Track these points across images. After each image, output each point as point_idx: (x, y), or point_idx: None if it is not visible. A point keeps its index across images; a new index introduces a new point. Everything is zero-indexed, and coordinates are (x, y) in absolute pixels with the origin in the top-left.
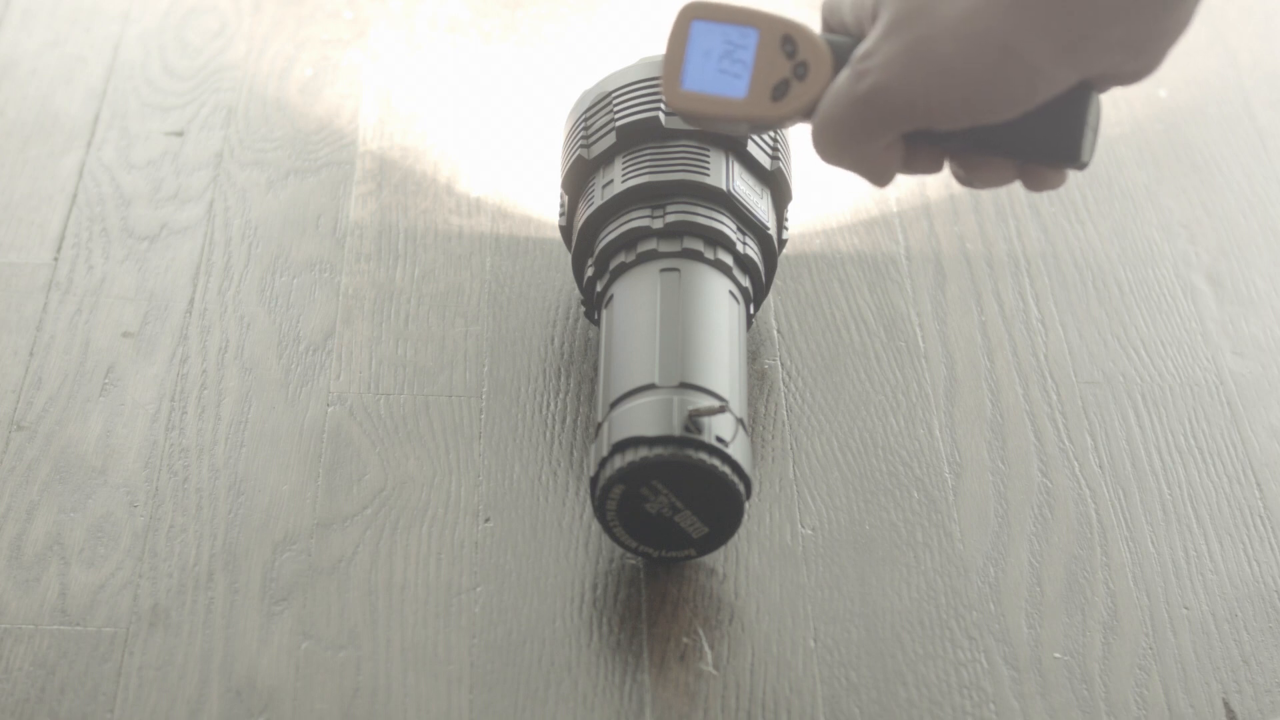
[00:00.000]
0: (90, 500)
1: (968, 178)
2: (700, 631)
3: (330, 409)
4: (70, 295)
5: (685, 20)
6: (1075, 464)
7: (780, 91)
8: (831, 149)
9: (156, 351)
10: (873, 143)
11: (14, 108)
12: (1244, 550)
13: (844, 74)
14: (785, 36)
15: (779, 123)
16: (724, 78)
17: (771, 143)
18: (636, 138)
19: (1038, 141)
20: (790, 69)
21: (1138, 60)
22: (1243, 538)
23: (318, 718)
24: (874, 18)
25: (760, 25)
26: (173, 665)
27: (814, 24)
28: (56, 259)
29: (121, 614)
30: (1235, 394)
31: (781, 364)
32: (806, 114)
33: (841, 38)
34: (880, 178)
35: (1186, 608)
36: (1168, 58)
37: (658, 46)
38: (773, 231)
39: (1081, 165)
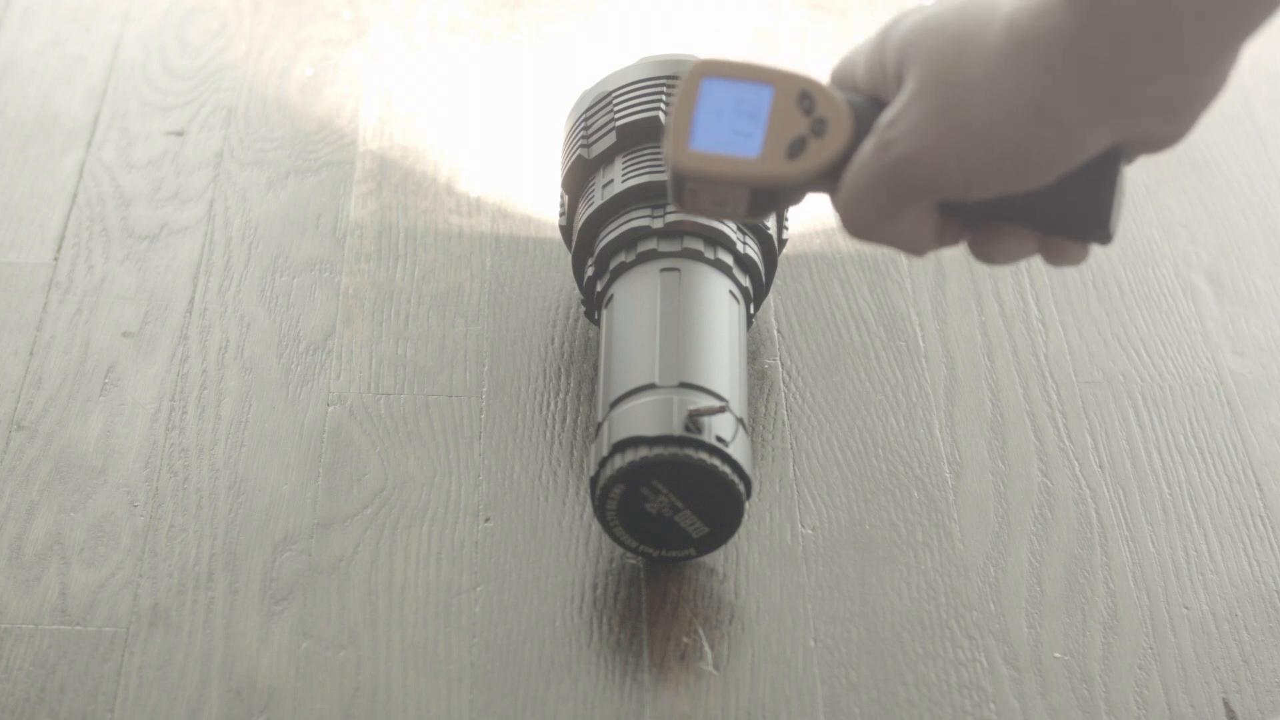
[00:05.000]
0: (90, 500)
1: (987, 252)
2: (700, 631)
3: (330, 409)
4: (70, 295)
5: (695, 79)
6: (1075, 464)
7: (797, 149)
8: (861, 224)
9: (156, 351)
10: (903, 215)
11: (14, 108)
12: (1244, 550)
13: (868, 144)
14: (802, 93)
15: (794, 184)
16: (736, 136)
17: None
18: (636, 137)
19: (1065, 212)
20: (808, 125)
21: (1171, 123)
22: (1243, 538)
23: (318, 718)
24: (898, 82)
25: (775, 82)
26: (173, 665)
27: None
28: (56, 259)
29: (121, 614)
30: (1235, 394)
31: (781, 364)
32: (824, 175)
33: (859, 97)
34: (916, 249)
35: (1186, 608)
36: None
37: (658, 46)
38: (773, 231)
39: (1108, 239)
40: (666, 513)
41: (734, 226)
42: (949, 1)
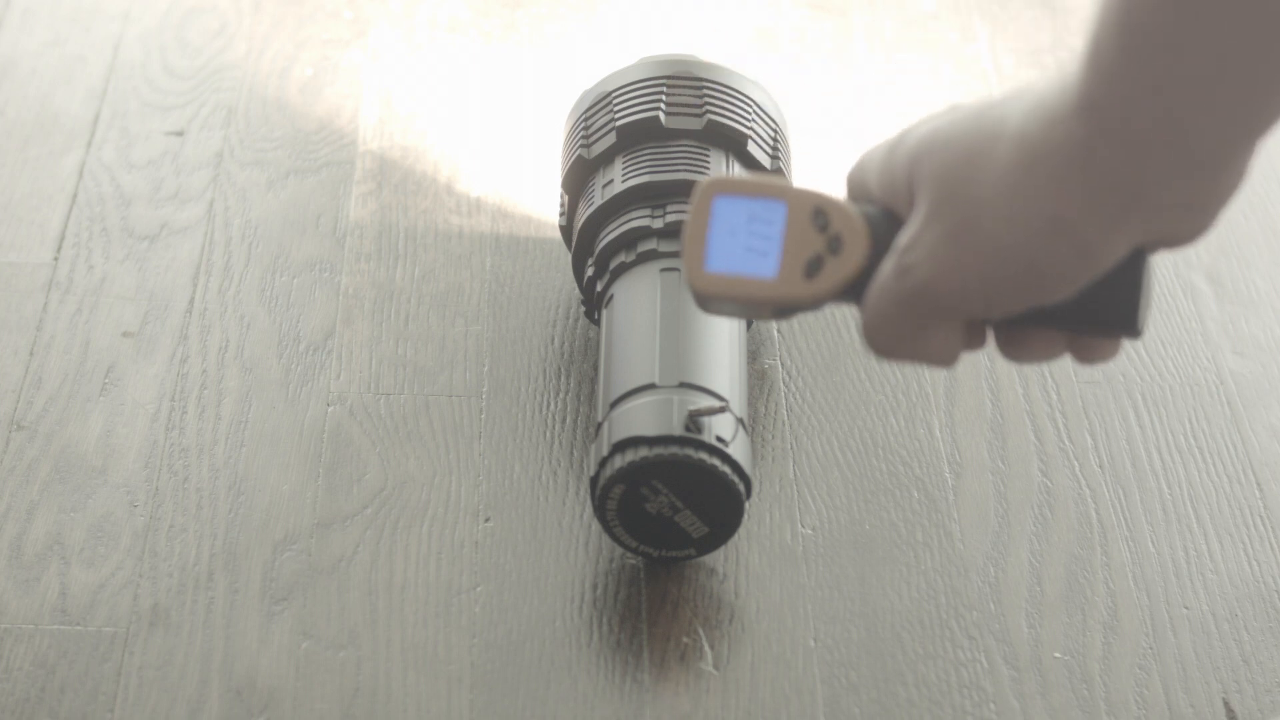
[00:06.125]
0: (90, 500)
1: (1015, 354)
2: (700, 631)
3: (330, 409)
4: (70, 295)
5: (707, 197)
6: (1075, 464)
7: (814, 268)
8: (886, 347)
9: (156, 351)
10: (928, 336)
11: (14, 108)
12: (1244, 550)
13: (887, 266)
14: (816, 209)
15: (813, 302)
16: (752, 256)
17: (771, 142)
18: (636, 137)
19: (1091, 313)
20: (824, 244)
21: (1190, 222)
22: (1243, 538)
23: (318, 718)
24: (910, 197)
25: (788, 198)
26: (173, 665)
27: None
28: (56, 259)
29: (121, 614)
30: (1235, 394)
31: (781, 364)
32: (842, 292)
33: (874, 209)
34: (944, 364)
35: (1186, 608)
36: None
37: (658, 46)
38: None
39: (1137, 335)
40: (666, 513)
41: None
42: (955, 112)
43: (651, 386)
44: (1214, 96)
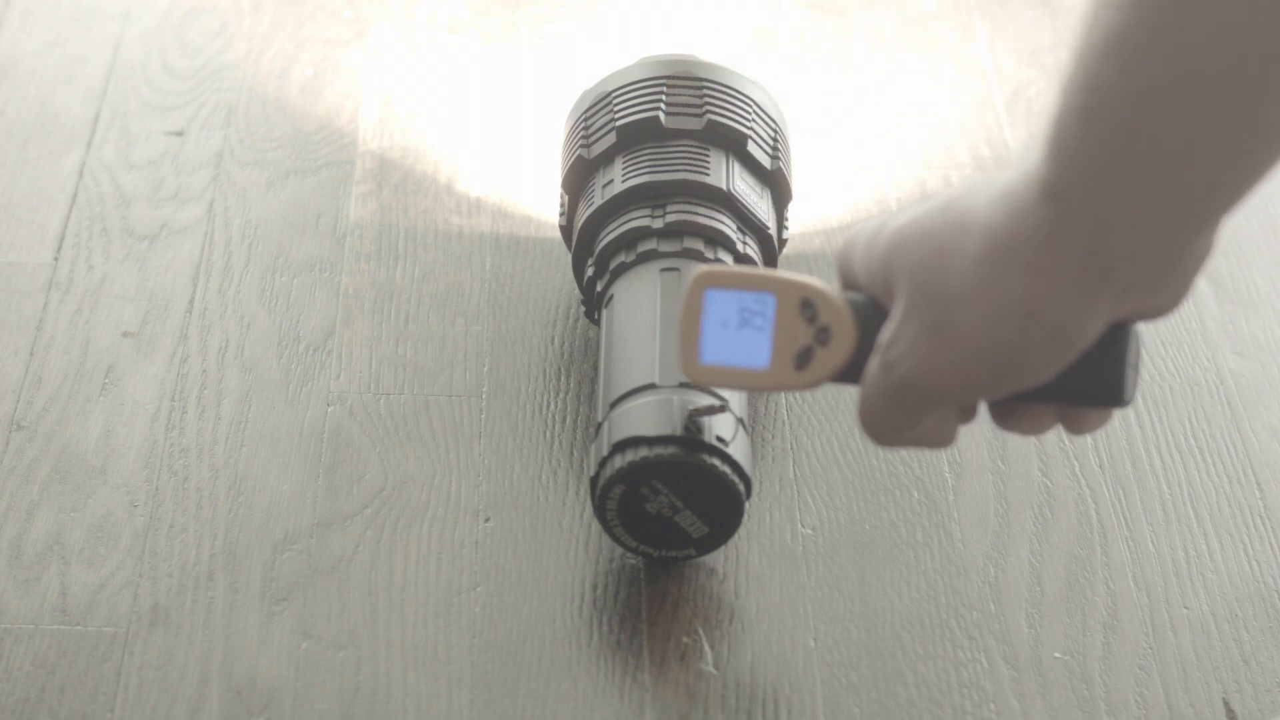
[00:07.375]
0: (90, 500)
1: (1006, 427)
2: (700, 631)
3: (330, 409)
4: (70, 295)
5: (698, 290)
6: (1075, 464)
7: (804, 359)
8: (882, 437)
9: (156, 351)
10: (922, 424)
11: (14, 108)
12: (1244, 550)
13: (874, 362)
14: (804, 300)
15: (806, 389)
16: (744, 348)
17: (771, 142)
18: (636, 137)
19: (1077, 387)
20: (812, 335)
21: (1163, 296)
22: (1243, 538)
23: (318, 718)
24: (889, 289)
25: (777, 290)
26: (173, 665)
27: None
28: (56, 259)
29: (121, 614)
30: (1235, 394)
31: None
32: (834, 379)
33: (861, 296)
34: (941, 445)
35: (1186, 608)
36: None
37: (658, 46)
38: (773, 231)
39: (1124, 404)
40: (666, 513)
41: (734, 226)
42: (926, 203)
43: (651, 386)
44: (1178, 178)
